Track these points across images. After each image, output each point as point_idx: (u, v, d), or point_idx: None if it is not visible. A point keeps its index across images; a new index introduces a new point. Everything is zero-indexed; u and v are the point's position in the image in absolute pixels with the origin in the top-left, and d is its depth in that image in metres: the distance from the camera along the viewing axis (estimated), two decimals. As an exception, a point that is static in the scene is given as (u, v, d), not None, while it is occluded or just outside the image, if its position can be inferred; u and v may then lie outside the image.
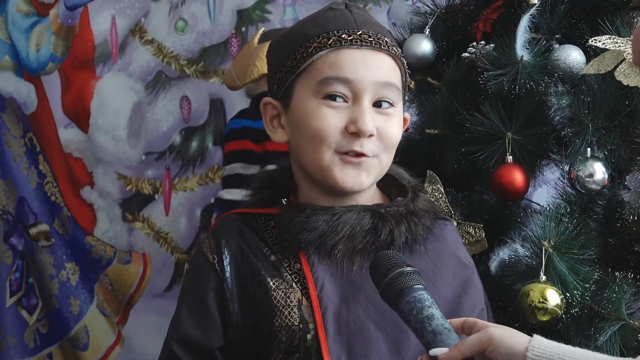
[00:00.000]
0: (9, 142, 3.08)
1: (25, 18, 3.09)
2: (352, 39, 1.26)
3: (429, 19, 2.00)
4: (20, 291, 3.07)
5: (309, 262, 1.27)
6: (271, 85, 1.34)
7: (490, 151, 1.75)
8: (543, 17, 1.79)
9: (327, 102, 1.25)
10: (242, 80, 1.83)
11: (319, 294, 1.25)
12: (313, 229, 1.25)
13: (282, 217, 1.29)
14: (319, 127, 1.25)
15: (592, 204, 1.78)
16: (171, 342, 1.31)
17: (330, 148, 1.25)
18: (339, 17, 1.29)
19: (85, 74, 3.06)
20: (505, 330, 1.08)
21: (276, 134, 1.33)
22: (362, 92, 1.25)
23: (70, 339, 3.03)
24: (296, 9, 2.93)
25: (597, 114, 1.70)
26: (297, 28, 1.33)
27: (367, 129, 1.24)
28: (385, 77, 1.27)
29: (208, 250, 1.32)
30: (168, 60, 3.04)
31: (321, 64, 1.26)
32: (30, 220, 3.06)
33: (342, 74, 1.25)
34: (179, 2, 3.03)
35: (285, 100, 1.30)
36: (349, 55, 1.25)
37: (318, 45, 1.26)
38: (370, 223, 1.26)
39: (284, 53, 1.29)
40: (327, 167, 1.26)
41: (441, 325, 1.07)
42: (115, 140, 3.01)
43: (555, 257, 1.60)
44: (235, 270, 1.30)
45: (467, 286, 1.32)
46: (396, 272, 1.11)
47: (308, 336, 1.25)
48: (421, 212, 1.31)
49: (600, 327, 1.61)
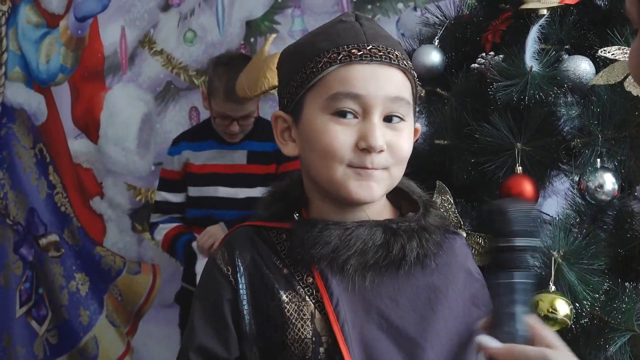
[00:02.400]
0: (19, 153, 3.10)
1: (35, 29, 3.12)
2: (362, 54, 1.26)
3: (438, 29, 2.01)
4: (30, 301, 3.08)
5: (322, 277, 1.27)
6: (282, 98, 1.34)
7: (499, 162, 1.75)
8: (552, 27, 1.80)
9: (337, 119, 1.25)
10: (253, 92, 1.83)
11: (335, 308, 1.25)
12: (325, 243, 1.25)
13: (295, 231, 1.29)
14: (329, 143, 1.25)
15: (602, 215, 1.78)
16: (188, 352, 1.31)
17: (342, 163, 1.25)
18: (349, 30, 1.29)
19: (95, 85, 3.08)
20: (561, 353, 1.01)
21: (287, 147, 1.33)
22: (372, 107, 1.25)
23: (79, 349, 3.04)
24: (305, 19, 2.94)
25: (606, 125, 1.71)
26: (308, 40, 1.33)
27: (377, 145, 1.24)
28: (395, 91, 1.27)
29: (222, 262, 1.33)
30: (177, 71, 3.05)
31: (331, 80, 1.26)
32: (40, 230, 3.07)
33: (353, 90, 1.25)
34: (188, 13, 3.04)
35: (295, 114, 1.30)
36: (359, 70, 1.25)
37: (328, 60, 1.26)
38: (382, 238, 1.26)
39: (295, 67, 1.30)
40: (341, 180, 1.26)
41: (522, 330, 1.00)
42: (125, 151, 3.03)
43: (564, 267, 1.60)
44: (249, 281, 1.31)
45: (477, 299, 1.33)
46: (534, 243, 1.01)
47: (320, 349, 1.26)
48: (432, 227, 1.30)
49: (610, 338, 1.61)
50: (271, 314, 1.28)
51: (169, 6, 3.03)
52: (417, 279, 1.26)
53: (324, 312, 1.26)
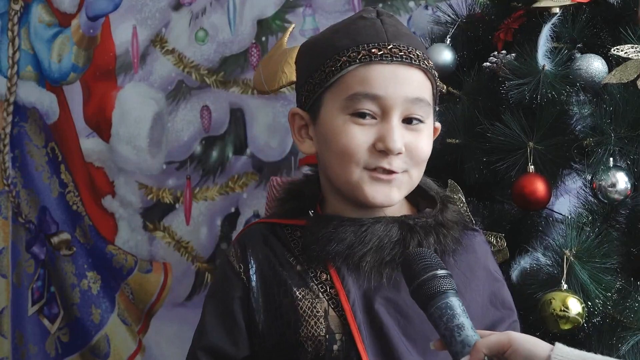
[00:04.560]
0: (31, 151, 3.12)
1: (47, 29, 3.13)
2: (382, 54, 1.24)
3: (450, 28, 2.01)
4: (42, 300, 3.10)
5: (339, 274, 1.27)
6: (299, 95, 1.33)
7: (511, 161, 1.76)
8: (565, 26, 1.80)
9: (355, 119, 1.24)
10: (271, 86, 1.81)
11: (352, 306, 1.25)
12: (341, 240, 1.25)
13: (310, 228, 1.29)
14: (346, 145, 1.24)
15: (614, 214, 1.78)
16: (196, 351, 1.32)
17: (358, 165, 1.25)
18: (369, 28, 1.27)
19: (107, 84, 3.09)
20: (526, 335, 1.09)
21: (304, 145, 1.33)
22: (392, 108, 1.24)
23: (91, 348, 3.06)
24: (316, 18, 2.95)
25: (619, 124, 1.71)
26: (327, 37, 1.31)
27: (396, 147, 1.23)
28: (415, 93, 1.25)
29: (234, 259, 1.33)
30: (188, 70, 3.06)
31: (350, 79, 1.24)
32: (52, 229, 3.09)
33: (372, 91, 1.23)
34: (200, 13, 3.05)
35: (313, 113, 1.29)
36: (379, 70, 1.24)
37: (347, 59, 1.24)
38: (398, 234, 1.25)
39: (314, 64, 1.28)
40: (357, 183, 1.25)
41: (471, 336, 1.07)
42: (136, 150, 3.04)
43: (576, 265, 1.61)
44: (262, 279, 1.31)
45: (496, 298, 1.32)
46: (430, 274, 1.11)
47: (334, 347, 1.26)
48: (450, 223, 1.30)
49: (623, 337, 1.61)
50: (284, 311, 1.28)
51: (181, 5, 3.04)
52: None
53: (338, 310, 1.26)
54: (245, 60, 3.01)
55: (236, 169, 3.02)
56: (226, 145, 3.04)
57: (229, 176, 3.03)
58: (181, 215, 3.03)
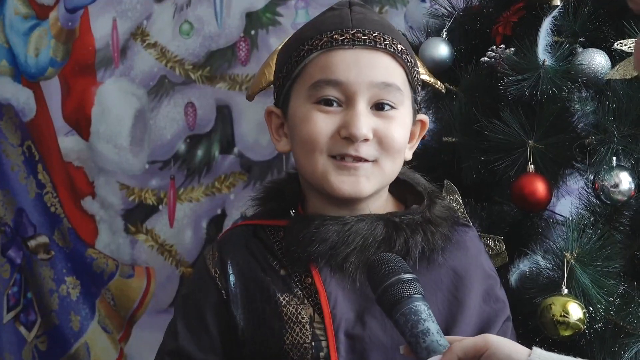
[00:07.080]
0: (6, 150, 3.12)
1: (23, 21, 3.13)
2: (343, 39, 1.25)
3: (447, 21, 2.02)
4: (18, 306, 3.10)
5: (322, 276, 1.27)
6: (274, 92, 1.35)
7: (510, 160, 1.77)
8: (566, 19, 1.81)
9: (320, 107, 1.26)
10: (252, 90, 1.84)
11: (332, 310, 1.25)
12: (323, 240, 1.25)
13: (291, 228, 1.30)
14: (309, 132, 1.25)
15: (617, 215, 1.79)
16: (163, 356, 1.32)
17: (322, 153, 1.25)
18: (335, 17, 1.29)
19: (86, 79, 3.09)
20: (504, 338, 1.10)
21: (280, 143, 1.34)
22: (355, 94, 1.25)
23: (70, 356, 3.06)
24: (309, 11, 2.95)
25: (623, 121, 1.72)
26: (297, 32, 1.34)
27: (360, 133, 1.24)
28: (381, 77, 1.26)
29: (210, 263, 1.33)
30: (172, 64, 3.06)
31: (312, 67, 1.26)
32: (29, 232, 3.09)
33: (333, 77, 1.25)
34: (184, 4, 3.05)
35: (284, 108, 1.31)
36: (340, 56, 1.25)
37: (310, 47, 1.26)
38: (383, 233, 1.26)
39: (283, 59, 1.31)
40: (322, 173, 1.26)
41: (436, 342, 1.09)
42: (118, 148, 3.04)
43: (577, 268, 1.61)
44: (242, 285, 1.31)
45: (489, 296, 1.33)
46: (394, 279, 1.12)
47: (321, 354, 1.26)
48: (438, 219, 1.30)
49: (626, 344, 1.62)
50: (267, 317, 1.28)
51: (164, -4, 3.04)
52: (423, 275, 1.26)
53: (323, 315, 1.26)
54: (233, 55, 3.01)
55: (223, 169, 3.02)
56: (212, 143, 3.04)
57: (216, 176, 3.03)
58: (165, 217, 3.03)
